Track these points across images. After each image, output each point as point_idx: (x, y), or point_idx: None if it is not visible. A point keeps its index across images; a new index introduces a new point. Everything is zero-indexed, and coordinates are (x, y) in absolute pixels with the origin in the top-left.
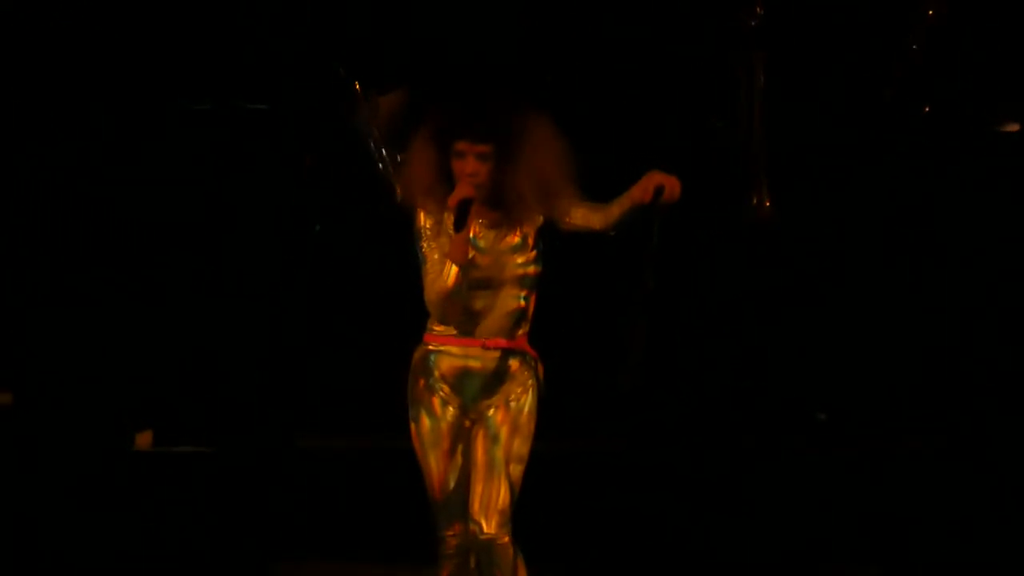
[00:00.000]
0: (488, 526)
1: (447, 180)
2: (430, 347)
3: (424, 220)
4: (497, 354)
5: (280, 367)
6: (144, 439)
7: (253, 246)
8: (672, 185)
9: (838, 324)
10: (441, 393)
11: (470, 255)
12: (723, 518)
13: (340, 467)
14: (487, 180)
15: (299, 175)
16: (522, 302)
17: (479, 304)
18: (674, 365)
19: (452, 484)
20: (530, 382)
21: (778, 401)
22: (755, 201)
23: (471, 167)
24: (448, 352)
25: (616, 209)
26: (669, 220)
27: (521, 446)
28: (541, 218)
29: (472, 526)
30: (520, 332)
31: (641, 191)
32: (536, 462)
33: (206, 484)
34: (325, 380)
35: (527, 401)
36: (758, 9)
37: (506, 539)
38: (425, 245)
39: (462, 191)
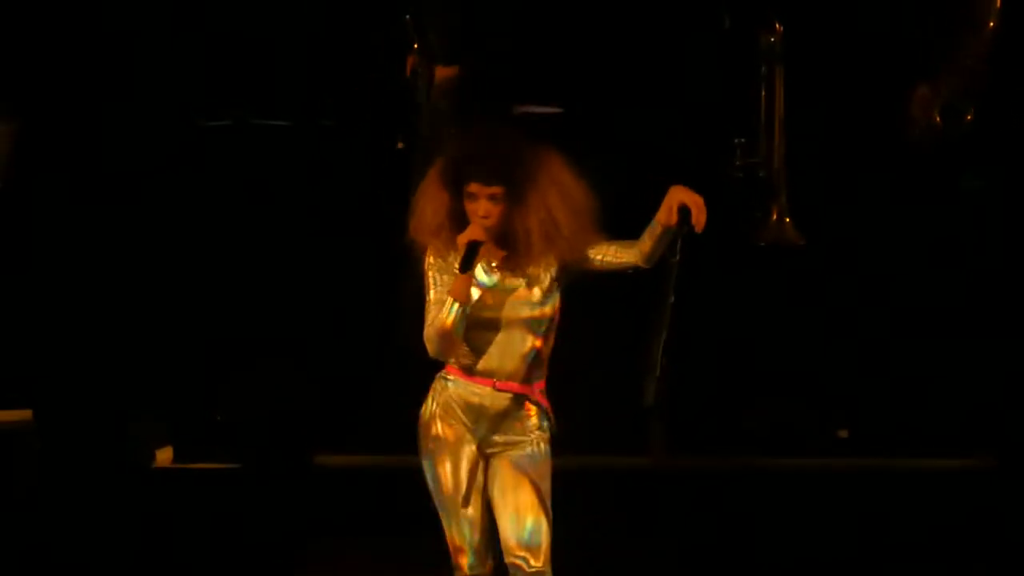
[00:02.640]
0: (535, 561)
1: (457, 221)
2: (448, 378)
3: (432, 259)
4: (507, 396)
5: (300, 383)
6: (164, 456)
7: (272, 262)
8: (698, 207)
9: (860, 340)
10: (456, 425)
11: (477, 295)
12: (745, 535)
13: (359, 485)
14: (498, 222)
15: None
16: (535, 344)
17: (489, 344)
18: (695, 380)
19: (468, 516)
20: (539, 434)
21: (799, 417)
22: (775, 218)
23: (483, 209)
24: (464, 385)
25: (648, 241)
26: (691, 235)
27: (543, 481)
28: (555, 262)
29: (516, 561)
30: (534, 378)
31: (667, 212)
32: (554, 480)
33: (226, 501)
34: (344, 397)
35: (541, 449)
36: (777, 26)
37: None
38: (431, 281)
39: (473, 232)
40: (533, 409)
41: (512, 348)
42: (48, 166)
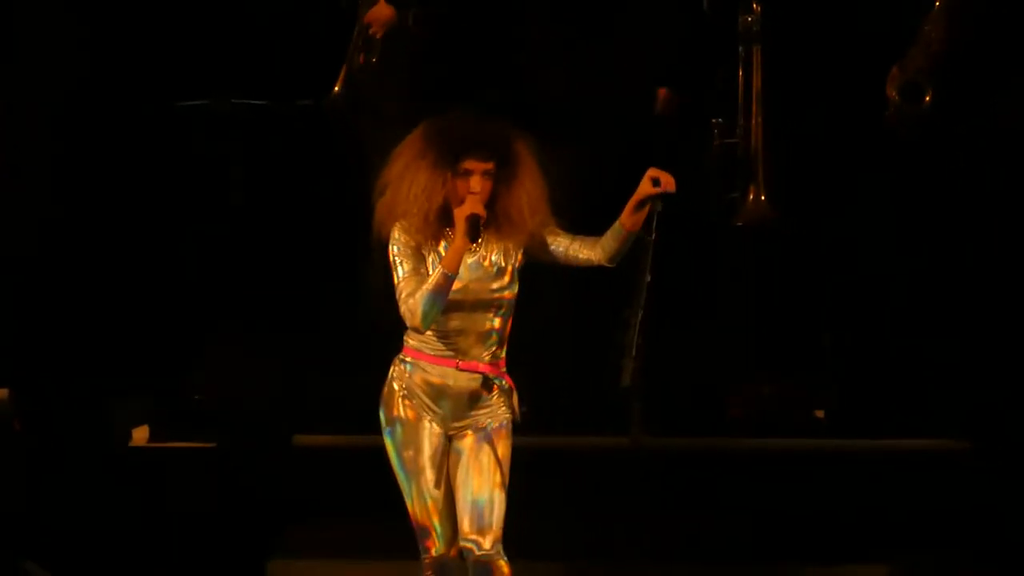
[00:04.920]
0: (485, 544)
1: (444, 202)
2: (407, 359)
3: (400, 235)
4: (471, 376)
5: (276, 362)
6: (140, 434)
7: (251, 241)
8: (667, 178)
9: (837, 321)
10: (418, 408)
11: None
12: (724, 517)
13: (337, 464)
14: (487, 198)
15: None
16: (496, 324)
17: (451, 324)
18: (671, 360)
19: (433, 497)
20: (502, 410)
21: (776, 398)
22: (751, 196)
23: (479, 185)
24: (424, 367)
25: (611, 241)
26: (667, 214)
27: (503, 457)
28: (520, 247)
29: (467, 544)
30: (495, 357)
31: (630, 215)
32: (533, 460)
33: (202, 480)
34: (323, 376)
35: (502, 430)
36: (755, 6)
37: (501, 557)
38: (399, 258)
39: (473, 207)
40: (496, 388)
41: (474, 328)
42: (29, 147)
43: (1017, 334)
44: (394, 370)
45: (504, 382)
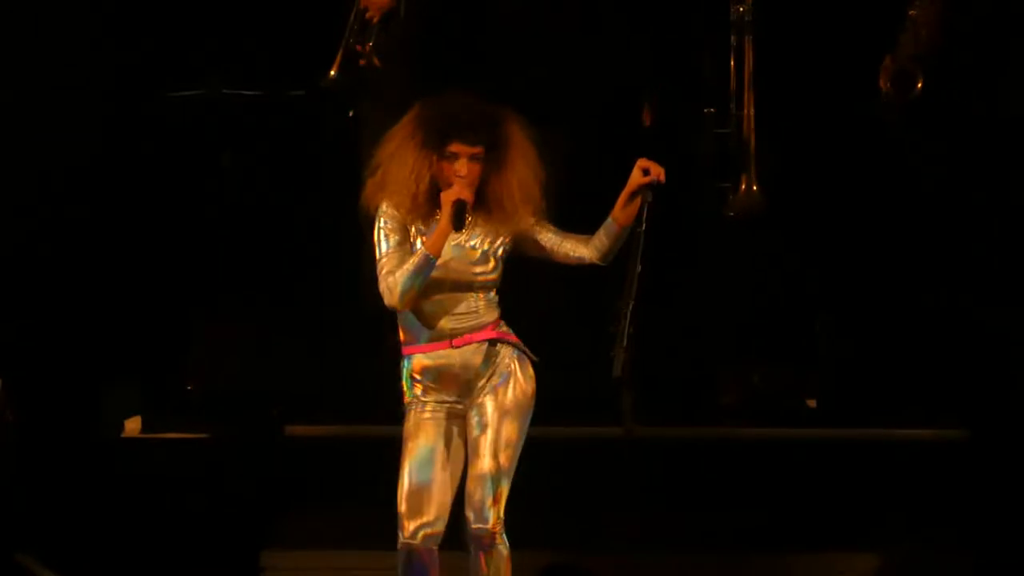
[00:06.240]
0: (478, 518)
1: (432, 184)
2: (408, 357)
3: (385, 215)
4: (470, 348)
5: (268, 353)
6: (133, 425)
7: (241, 231)
8: (657, 166)
9: (831, 308)
10: (426, 397)
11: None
12: (716, 506)
13: (329, 453)
14: (475, 183)
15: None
16: (479, 299)
17: (437, 306)
18: (663, 349)
19: (411, 484)
20: (511, 367)
21: (768, 387)
22: (743, 186)
23: (464, 169)
24: (422, 358)
25: (604, 239)
26: (658, 204)
27: (511, 431)
28: (509, 233)
29: (470, 516)
30: (489, 322)
31: (623, 211)
32: (526, 450)
33: (195, 470)
34: (314, 367)
35: (511, 386)
36: None
37: (496, 530)
38: (383, 236)
39: (460, 192)
40: (499, 347)
41: (456, 308)
42: (19, 138)
43: (1012, 322)
44: (403, 371)
45: (504, 341)
